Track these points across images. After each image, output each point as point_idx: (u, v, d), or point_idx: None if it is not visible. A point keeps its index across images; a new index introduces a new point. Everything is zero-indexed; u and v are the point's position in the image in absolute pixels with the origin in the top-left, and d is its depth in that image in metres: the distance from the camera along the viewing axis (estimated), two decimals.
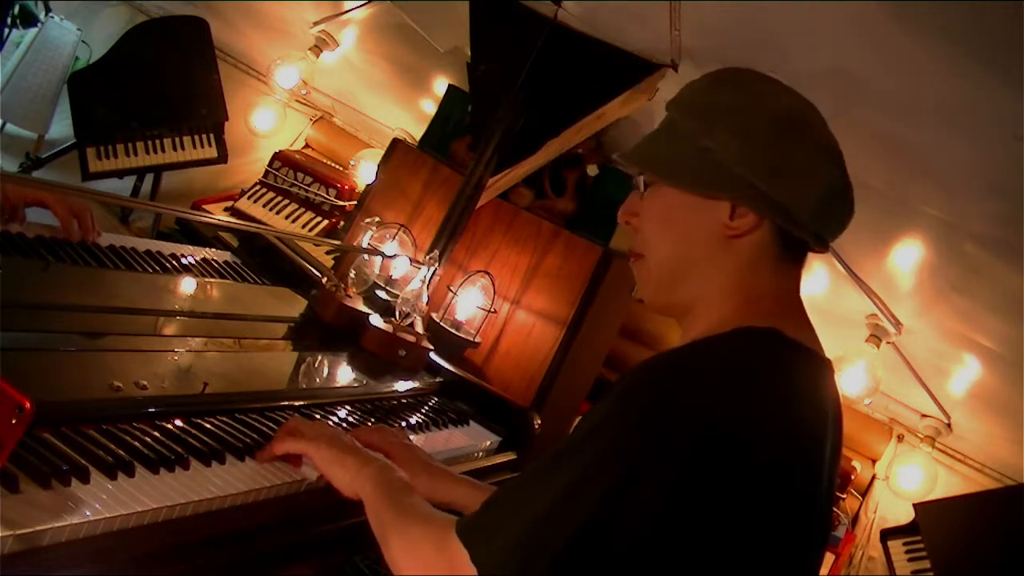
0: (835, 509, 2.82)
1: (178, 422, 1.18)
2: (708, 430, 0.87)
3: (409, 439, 1.45)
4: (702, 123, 1.03)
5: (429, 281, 2.00)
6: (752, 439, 0.88)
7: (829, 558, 2.79)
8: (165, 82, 3.06)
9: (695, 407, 0.88)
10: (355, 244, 2.11)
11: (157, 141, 3.08)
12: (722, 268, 1.03)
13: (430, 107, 3.04)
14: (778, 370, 0.96)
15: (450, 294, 2.24)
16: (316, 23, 3.10)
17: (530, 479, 0.93)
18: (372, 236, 2.08)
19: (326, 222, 3.17)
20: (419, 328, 1.95)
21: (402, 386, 1.80)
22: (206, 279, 1.79)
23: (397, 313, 1.94)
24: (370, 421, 1.53)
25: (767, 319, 0.99)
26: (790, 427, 0.93)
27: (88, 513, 0.89)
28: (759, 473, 0.89)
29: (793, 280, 1.06)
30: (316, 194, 3.20)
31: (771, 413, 0.91)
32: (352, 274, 1.98)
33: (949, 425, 2.79)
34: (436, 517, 1.04)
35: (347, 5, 2.95)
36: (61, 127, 3.34)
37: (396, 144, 2.54)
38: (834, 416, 1.01)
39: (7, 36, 3.27)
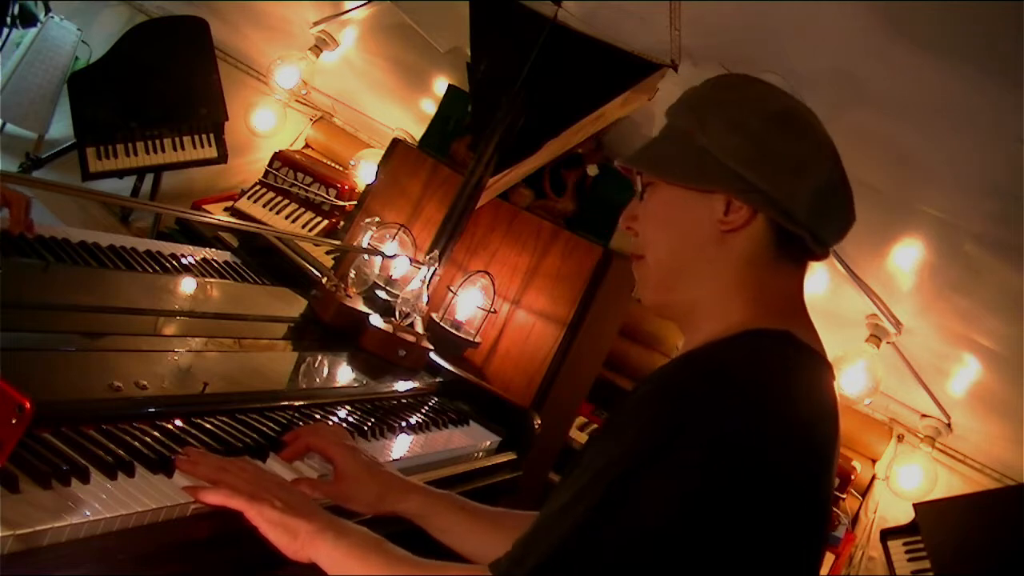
0: (835, 509, 2.82)
1: (178, 422, 1.18)
2: (725, 435, 0.86)
3: (351, 439, 1.33)
4: (696, 120, 1.04)
5: (429, 281, 2.00)
6: (768, 443, 0.88)
7: (829, 558, 2.79)
8: (165, 82, 3.06)
9: (712, 412, 0.87)
10: (355, 244, 2.11)
11: (157, 141, 3.08)
12: (719, 266, 1.03)
13: (430, 107, 3.04)
14: (792, 374, 0.96)
15: (450, 294, 2.24)
16: (316, 23, 3.10)
17: (552, 507, 0.92)
18: (372, 236, 2.07)
19: (326, 222, 3.17)
20: (419, 328, 1.95)
21: (402, 386, 1.80)
22: (206, 279, 1.79)
23: (397, 313, 1.94)
24: (370, 421, 1.53)
25: (776, 321, 0.99)
26: (806, 431, 0.93)
27: (88, 513, 0.89)
28: (776, 478, 0.88)
29: (795, 282, 1.05)
30: (316, 194, 3.20)
31: (787, 417, 0.91)
32: (352, 274, 1.98)
33: (949, 425, 2.79)
34: (449, 564, 1.01)
35: (347, 5, 2.95)
36: (61, 127, 3.34)
37: (396, 144, 2.54)
38: (836, 418, 1.01)
39: (7, 36, 3.27)
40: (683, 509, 0.85)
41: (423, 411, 1.76)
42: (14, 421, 0.81)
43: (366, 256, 2.00)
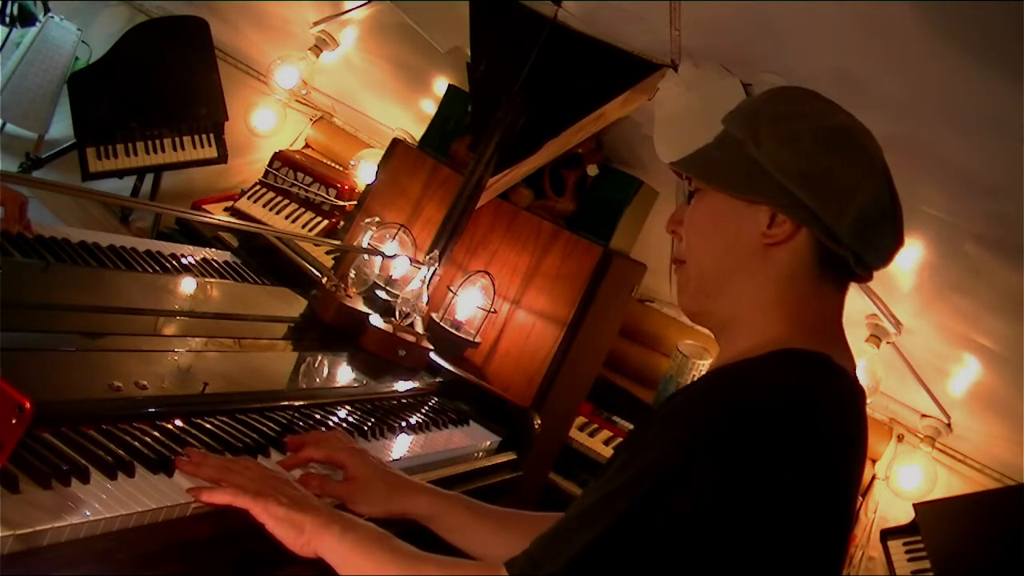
0: None
1: (178, 422, 1.18)
2: (751, 456, 0.86)
3: (356, 443, 1.32)
4: (750, 131, 1.03)
5: (429, 281, 2.00)
6: (795, 466, 0.88)
7: None
8: (165, 82, 3.06)
9: (740, 432, 0.87)
10: (355, 244, 2.11)
11: (157, 141, 3.08)
12: (760, 278, 1.02)
13: (430, 107, 3.04)
14: (824, 398, 0.95)
15: (450, 294, 2.24)
16: (316, 23, 3.10)
17: (575, 513, 0.92)
18: (372, 236, 2.08)
19: (326, 222, 3.17)
20: (419, 328, 1.95)
21: (402, 386, 1.80)
22: (206, 279, 1.79)
23: (397, 313, 1.94)
24: (370, 421, 1.53)
25: (814, 342, 0.99)
26: (834, 456, 0.93)
27: (88, 513, 0.89)
28: (798, 500, 0.88)
29: (835, 303, 1.04)
30: (316, 194, 3.20)
31: (816, 441, 0.91)
32: (352, 274, 1.98)
33: (949, 425, 2.79)
34: (456, 560, 1.01)
35: (347, 5, 2.95)
36: (61, 127, 3.34)
37: (396, 144, 2.54)
38: (865, 443, 1.02)
39: (7, 36, 3.27)
40: (705, 528, 0.84)
41: (423, 411, 1.76)
42: (14, 421, 0.81)
43: (366, 256, 2.00)
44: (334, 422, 1.45)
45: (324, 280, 1.94)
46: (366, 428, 1.48)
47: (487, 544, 1.21)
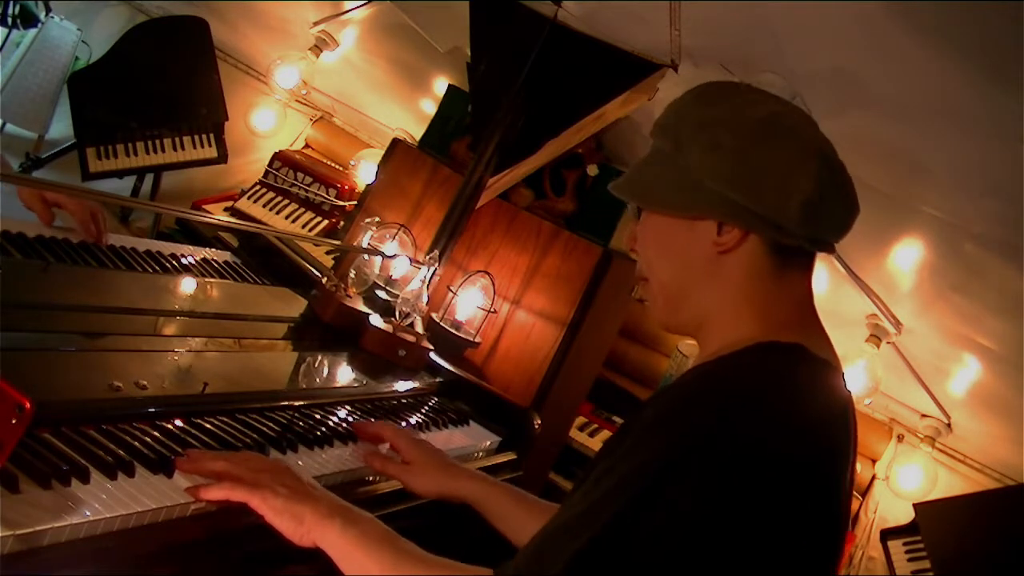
0: None
1: (178, 422, 1.18)
2: (735, 454, 0.86)
3: (417, 435, 1.47)
4: (674, 141, 1.04)
5: (429, 281, 2.00)
6: (780, 459, 0.88)
7: None
8: (165, 82, 3.06)
9: (722, 430, 0.87)
10: (355, 244, 2.11)
11: (157, 141, 3.08)
12: (722, 282, 1.03)
13: (430, 107, 3.04)
14: (803, 388, 0.95)
15: (450, 294, 2.24)
16: (316, 23, 3.10)
17: (560, 521, 0.91)
18: (372, 236, 2.07)
19: (326, 222, 3.17)
20: (419, 328, 1.95)
21: (402, 386, 1.80)
22: (206, 279, 1.79)
23: (397, 313, 1.94)
24: (370, 421, 1.53)
25: (789, 333, 0.99)
26: (818, 445, 0.92)
27: (88, 513, 0.89)
28: (787, 492, 0.88)
29: (802, 288, 1.04)
30: (316, 194, 3.20)
31: (798, 432, 0.90)
32: (352, 274, 1.98)
33: (949, 425, 2.79)
34: (458, 564, 1.02)
35: (347, 5, 2.95)
36: (61, 127, 3.34)
37: (396, 144, 2.54)
38: (851, 430, 1.01)
39: (7, 36, 3.27)
40: (693, 531, 0.84)
41: (423, 411, 1.76)
42: (14, 421, 0.81)
43: (366, 256, 2.00)
44: (334, 422, 1.45)
45: (324, 280, 1.94)
46: None
47: (527, 533, 1.23)
